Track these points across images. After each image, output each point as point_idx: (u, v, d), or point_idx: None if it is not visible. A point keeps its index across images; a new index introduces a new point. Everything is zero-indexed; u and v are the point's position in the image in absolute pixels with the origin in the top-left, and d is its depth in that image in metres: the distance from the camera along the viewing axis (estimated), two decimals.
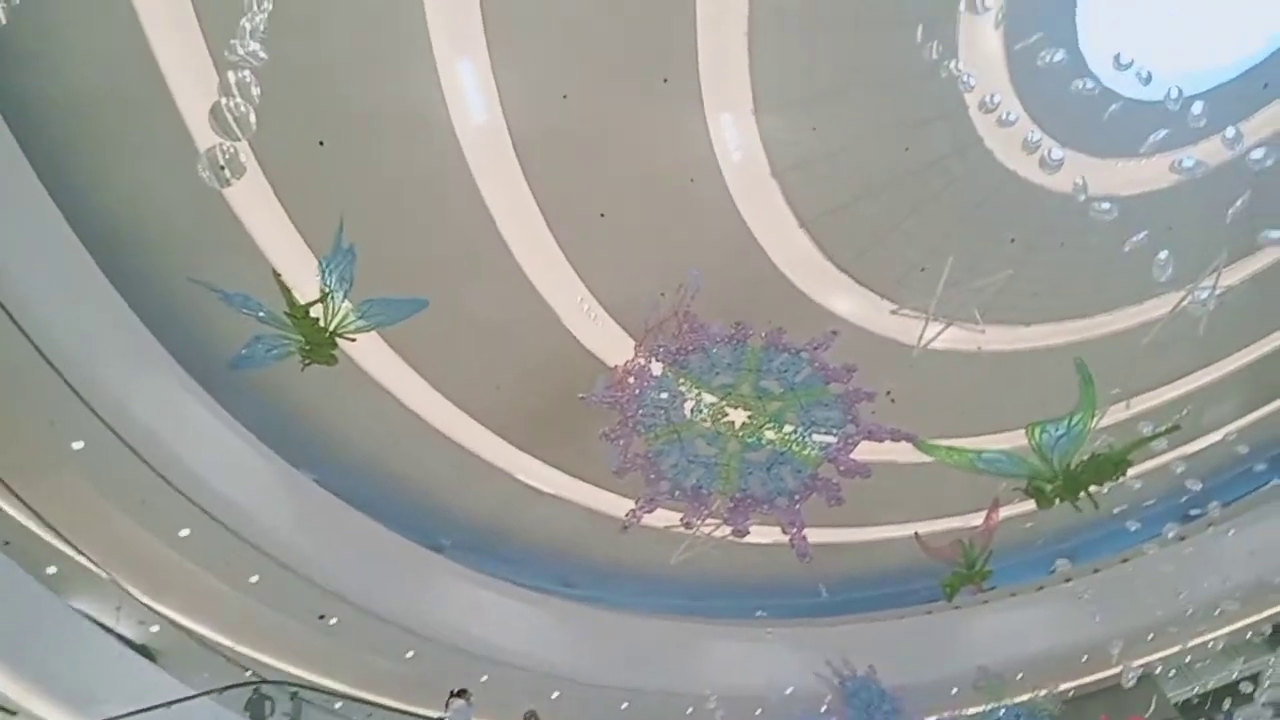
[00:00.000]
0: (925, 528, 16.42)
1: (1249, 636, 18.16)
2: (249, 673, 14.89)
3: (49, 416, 11.46)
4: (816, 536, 10.17)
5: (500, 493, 19.10)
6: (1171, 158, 13.26)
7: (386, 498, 17.91)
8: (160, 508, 12.82)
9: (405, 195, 13.80)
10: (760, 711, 18.29)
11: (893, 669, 15.59)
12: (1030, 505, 11.56)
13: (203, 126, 6.15)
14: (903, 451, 13.65)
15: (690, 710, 18.34)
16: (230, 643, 15.47)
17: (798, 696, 15.80)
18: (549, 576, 21.10)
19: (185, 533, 13.31)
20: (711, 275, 12.00)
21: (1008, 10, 13.04)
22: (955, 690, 18.29)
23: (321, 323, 9.43)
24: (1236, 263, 14.96)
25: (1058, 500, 10.93)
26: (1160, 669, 17.37)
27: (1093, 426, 11.06)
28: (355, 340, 10.00)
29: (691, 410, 10.15)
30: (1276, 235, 12.61)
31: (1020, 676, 18.06)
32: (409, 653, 16.33)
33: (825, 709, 15.01)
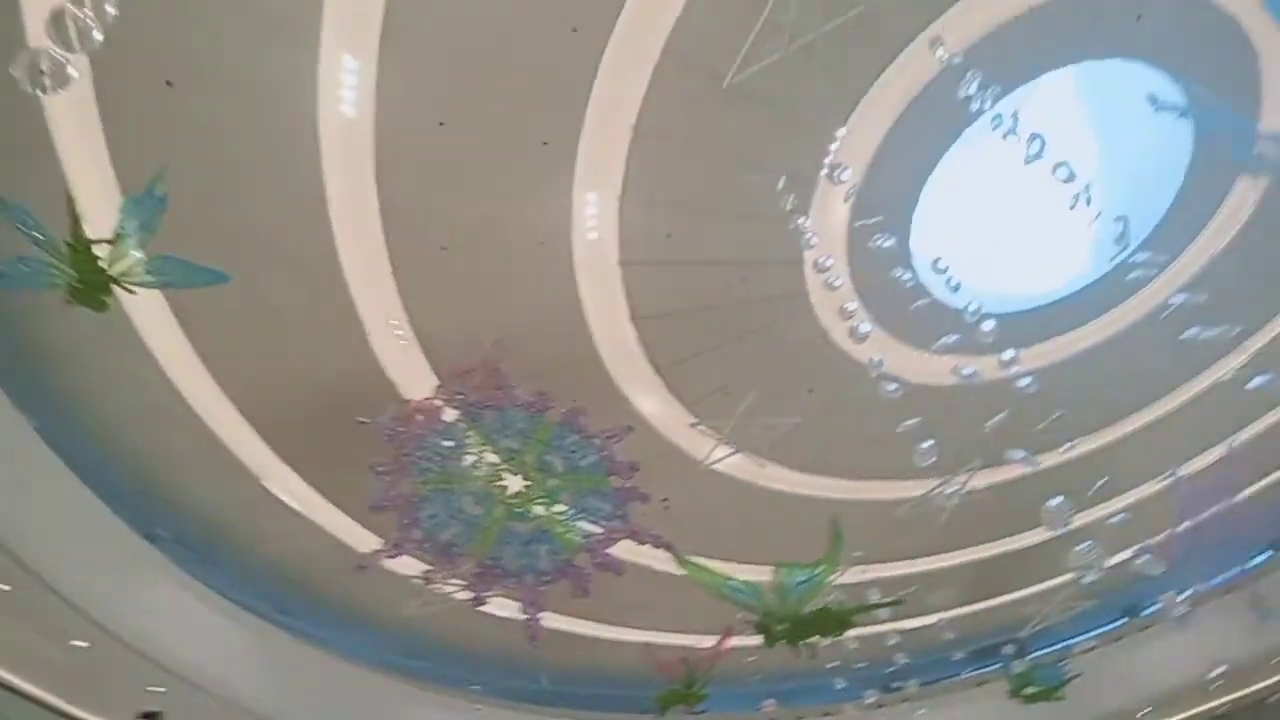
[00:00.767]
0: (658, 639, 16.72)
1: None
2: None
3: None
4: (552, 622, 10.09)
5: (241, 496, 17.59)
6: (956, 361, 14.95)
7: (110, 466, 16.07)
8: None
9: (242, 163, 12.93)
10: None
11: None
12: (758, 640, 12.11)
13: (38, 25, 5.54)
14: (659, 559, 13.97)
15: None
16: None
17: None
18: (266, 598, 19.46)
19: None
20: (531, 339, 12.02)
21: (860, 189, 14.37)
22: None
23: (103, 264, 8.52)
24: (986, 470, 16.79)
25: (782, 642, 11.52)
26: None
27: (831, 581, 11.82)
28: (135, 293, 9.10)
29: (470, 465, 9.94)
30: (1019, 455, 14.25)
31: None
32: (81, 643, 14.44)
33: None
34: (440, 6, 11.88)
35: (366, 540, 14.44)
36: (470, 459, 10.03)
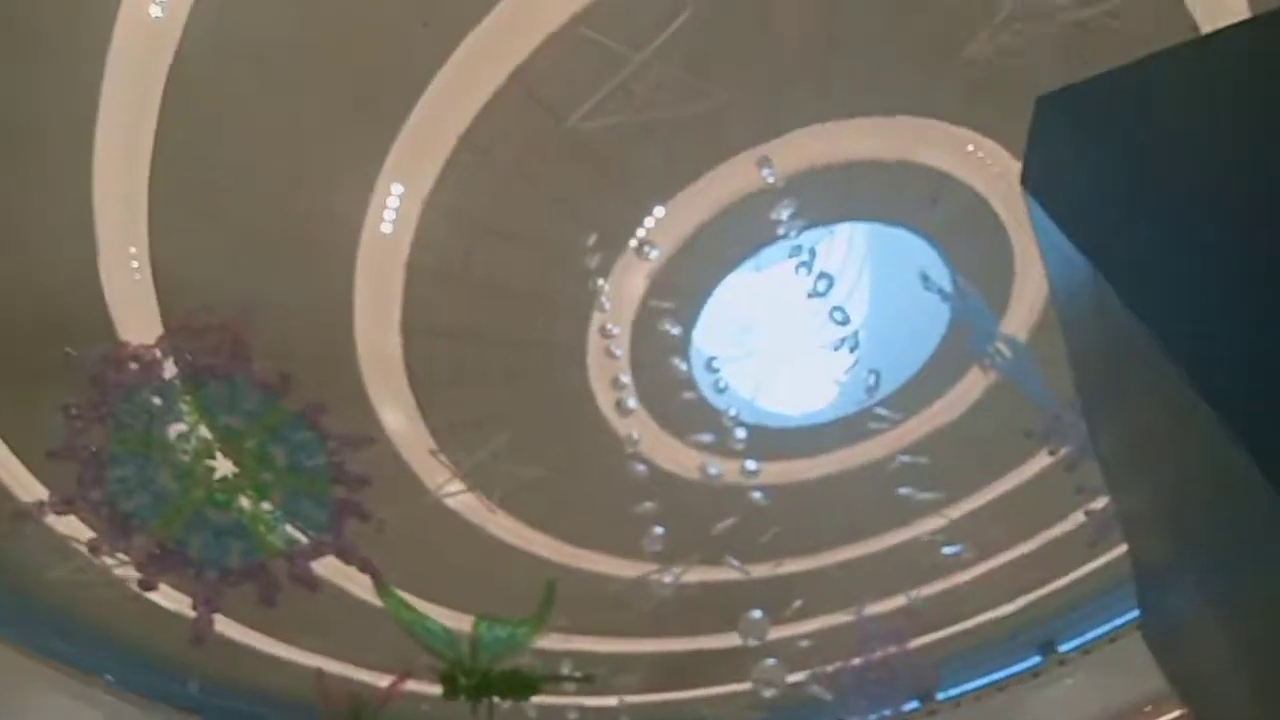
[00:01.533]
0: (333, 667, 15.53)
1: None
2: None
3: None
4: (224, 626, 8.98)
5: None
6: (705, 459, 15.51)
7: None
8: None
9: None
10: None
11: None
12: (438, 690, 11.52)
13: None
14: (357, 582, 13.03)
15: None
16: None
17: None
18: None
19: None
20: (287, 316, 11.01)
21: (660, 271, 14.74)
22: None
23: None
24: (702, 567, 17.37)
25: (463, 697, 11.02)
26: None
27: (530, 643, 11.54)
28: None
29: (178, 437, 8.73)
30: (735, 563, 14.92)
31: None
32: None
33: None
34: None
35: (34, 491, 12.33)
36: (180, 429, 8.79)
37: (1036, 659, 23.95)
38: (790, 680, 11.84)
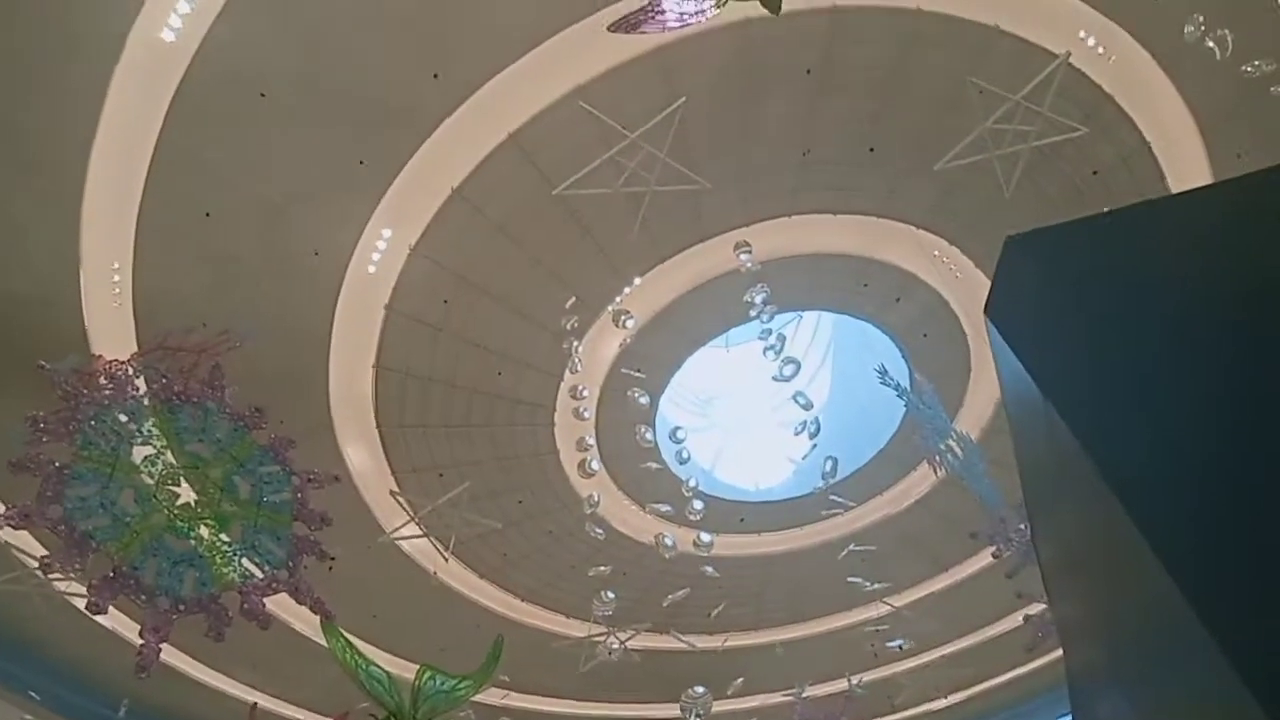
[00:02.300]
0: (269, 703, 15.22)
1: None
2: None
3: None
4: (168, 654, 8.92)
5: None
6: (661, 528, 15.71)
7: None
8: None
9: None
10: None
11: None
12: None
13: None
14: (303, 620, 12.95)
15: None
16: None
17: None
18: None
19: None
20: (265, 345, 11.15)
21: (635, 340, 15.11)
22: None
23: None
24: (649, 634, 17.40)
25: None
26: None
27: (470, 697, 11.49)
28: None
29: (144, 460, 8.77)
30: (682, 638, 14.99)
31: None
32: None
33: None
34: None
35: None
36: (148, 451, 8.82)
37: None
38: None
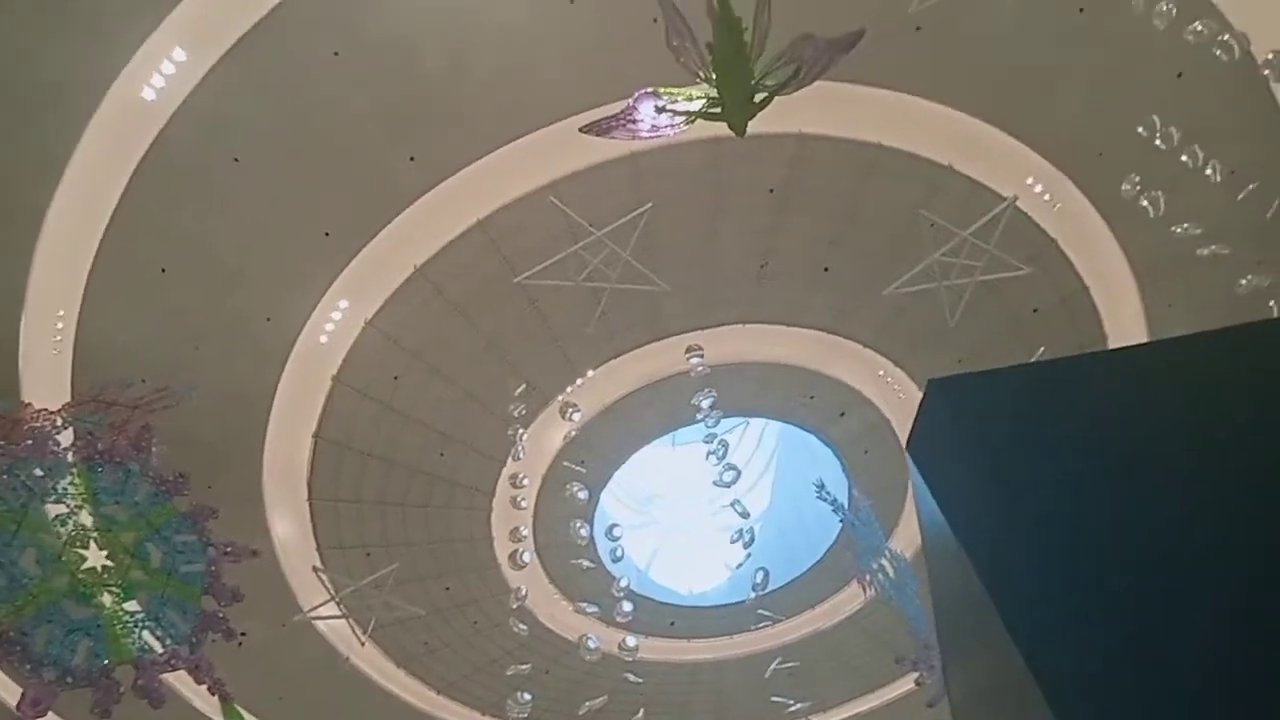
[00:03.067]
0: None
1: None
2: None
3: None
4: None
5: None
6: (588, 627, 15.37)
7: None
8: None
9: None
10: None
11: None
12: None
13: None
14: (200, 696, 12.32)
15: None
16: None
17: None
18: None
19: None
20: (201, 406, 10.96)
21: (580, 434, 15.13)
22: None
23: None
24: None
25: None
26: None
27: None
28: None
29: (54, 518, 8.44)
30: None
31: None
32: None
33: None
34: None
35: None
36: (58, 510, 8.48)
37: None
38: None
